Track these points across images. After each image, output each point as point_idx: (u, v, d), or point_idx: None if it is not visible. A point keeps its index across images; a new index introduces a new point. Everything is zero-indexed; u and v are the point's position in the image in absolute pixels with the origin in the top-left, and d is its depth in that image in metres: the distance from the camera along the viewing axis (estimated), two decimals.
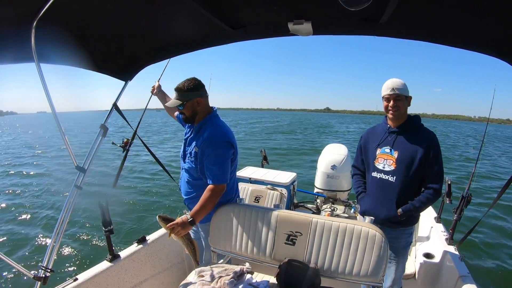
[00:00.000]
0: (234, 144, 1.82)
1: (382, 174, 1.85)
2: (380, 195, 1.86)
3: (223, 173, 1.75)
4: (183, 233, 1.65)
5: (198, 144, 1.80)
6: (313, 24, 1.47)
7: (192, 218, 1.66)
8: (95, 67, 1.81)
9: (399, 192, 1.79)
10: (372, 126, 2.06)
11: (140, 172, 9.36)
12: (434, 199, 1.78)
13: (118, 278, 2.02)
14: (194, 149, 1.81)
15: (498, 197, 1.96)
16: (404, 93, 1.77)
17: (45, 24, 1.23)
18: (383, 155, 1.86)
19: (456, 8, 1.24)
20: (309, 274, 1.55)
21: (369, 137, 2.00)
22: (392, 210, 1.80)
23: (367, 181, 2.00)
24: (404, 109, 1.80)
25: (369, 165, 1.94)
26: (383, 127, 1.93)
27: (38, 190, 7.56)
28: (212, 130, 1.80)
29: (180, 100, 1.76)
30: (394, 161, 1.80)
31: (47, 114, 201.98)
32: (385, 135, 1.88)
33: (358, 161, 2.11)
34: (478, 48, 1.50)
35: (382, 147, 1.87)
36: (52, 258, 1.63)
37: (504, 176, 10.49)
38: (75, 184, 1.77)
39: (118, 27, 1.58)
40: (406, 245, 1.90)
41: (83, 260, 4.09)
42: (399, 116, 1.81)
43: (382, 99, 1.85)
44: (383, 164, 1.85)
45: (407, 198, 1.80)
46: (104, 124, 1.97)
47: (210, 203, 1.73)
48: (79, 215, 5.32)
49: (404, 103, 1.79)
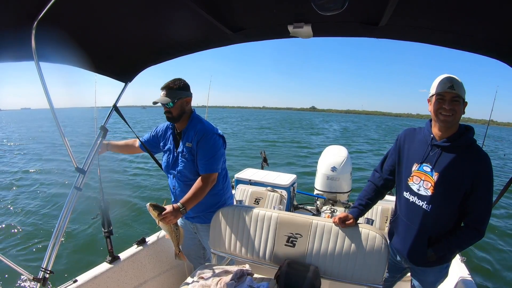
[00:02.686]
0: (223, 137, 1.91)
1: (415, 198, 1.49)
2: (411, 223, 1.53)
3: (214, 163, 1.80)
4: (174, 221, 1.62)
5: (190, 139, 1.83)
6: (312, 27, 1.48)
7: (183, 206, 1.64)
8: (94, 68, 1.81)
9: (433, 225, 1.46)
10: (411, 129, 1.63)
11: (139, 172, 9.36)
12: (475, 241, 1.44)
13: (117, 280, 2.02)
14: (186, 146, 1.84)
15: (498, 198, 1.95)
16: (463, 95, 1.37)
17: (45, 25, 1.24)
18: (420, 174, 1.47)
19: (455, 10, 1.24)
20: (309, 276, 1.55)
21: (406, 144, 1.58)
22: (421, 248, 1.49)
23: (397, 199, 1.64)
24: (459, 116, 1.39)
25: (401, 182, 1.58)
26: (425, 135, 1.51)
27: (38, 191, 7.56)
28: (202, 124, 1.87)
29: (170, 98, 1.78)
30: (432, 185, 1.42)
31: (31, 110, 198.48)
32: (427, 148, 1.47)
33: (381, 165, 1.72)
34: (477, 49, 1.50)
35: (420, 163, 1.48)
36: (52, 260, 1.63)
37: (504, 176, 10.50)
38: (74, 186, 1.77)
39: (119, 29, 1.59)
40: (435, 280, 1.59)
41: (83, 261, 4.07)
42: (452, 124, 1.40)
43: (431, 99, 1.45)
44: (419, 186, 1.48)
45: (444, 233, 1.46)
46: (104, 126, 1.97)
47: (201, 192, 1.74)
48: (79, 216, 5.31)
49: (460, 108, 1.38)
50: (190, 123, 1.88)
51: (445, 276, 1.60)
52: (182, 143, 1.87)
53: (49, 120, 30.82)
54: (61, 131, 1.58)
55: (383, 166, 1.71)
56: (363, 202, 1.69)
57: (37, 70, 1.39)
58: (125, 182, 8.31)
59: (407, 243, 1.56)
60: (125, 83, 2.10)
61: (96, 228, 4.95)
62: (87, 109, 3.86)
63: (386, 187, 1.71)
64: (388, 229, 1.78)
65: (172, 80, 1.84)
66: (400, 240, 1.62)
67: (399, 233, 1.63)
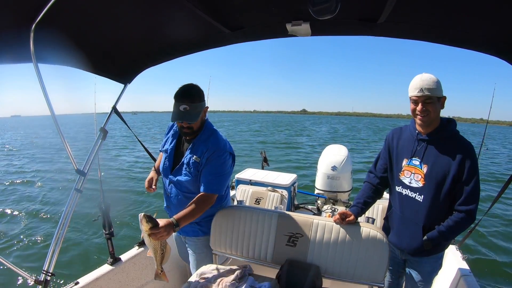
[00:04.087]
0: (234, 155, 1.76)
1: (408, 191, 1.57)
2: (405, 216, 1.60)
3: (220, 184, 1.65)
4: (165, 238, 1.40)
5: (199, 153, 1.65)
6: (311, 25, 1.48)
7: (177, 223, 1.45)
8: (94, 69, 1.81)
9: (427, 214, 1.51)
10: (398, 128, 1.72)
11: (137, 176, 9.37)
12: (466, 224, 1.48)
13: (119, 281, 2.02)
14: (193, 159, 1.65)
15: (498, 197, 1.96)
16: (436, 94, 1.44)
17: (44, 27, 1.24)
18: (410, 168, 1.56)
19: (454, 7, 1.24)
20: (311, 275, 1.55)
21: (394, 142, 1.67)
22: (416, 238, 1.55)
23: (391, 195, 1.72)
24: (436, 113, 1.48)
25: (393, 177, 1.66)
26: (411, 132, 1.61)
27: (38, 192, 7.56)
28: (215, 139, 1.68)
29: (194, 113, 1.55)
30: (422, 177, 1.51)
31: (21, 117, 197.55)
32: (414, 143, 1.57)
33: (374, 166, 1.79)
34: (476, 47, 1.50)
35: (409, 158, 1.57)
36: (53, 262, 1.63)
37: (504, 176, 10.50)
38: (75, 188, 1.77)
39: (117, 30, 1.59)
40: (432, 270, 1.63)
41: (84, 263, 4.08)
42: (430, 122, 1.49)
43: (410, 100, 1.53)
44: (410, 179, 1.56)
45: (437, 221, 1.52)
46: (103, 128, 1.97)
47: (199, 212, 1.57)
48: (80, 218, 5.31)
49: (435, 106, 1.46)
50: (202, 134, 1.69)
51: (440, 267, 1.64)
52: (189, 153, 1.68)
53: (43, 127, 31.27)
54: (61, 133, 1.58)
55: (376, 166, 1.78)
56: (362, 200, 1.72)
57: (36, 72, 1.39)
58: (125, 181, 8.32)
59: (403, 235, 1.62)
60: (124, 84, 2.10)
61: (97, 230, 4.95)
62: (87, 116, 3.86)
63: (382, 185, 1.76)
64: (382, 225, 1.82)
65: (189, 89, 1.59)
66: (395, 233, 1.67)
67: (394, 227, 1.68)
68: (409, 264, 1.68)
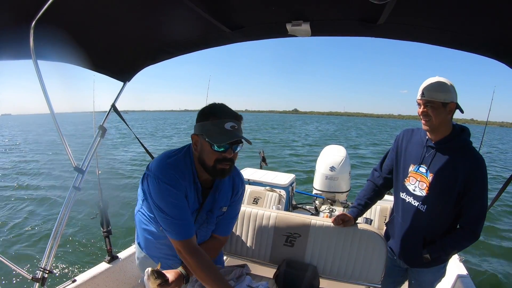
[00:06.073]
0: None
1: (411, 199, 1.50)
2: (406, 224, 1.54)
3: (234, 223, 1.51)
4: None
5: (226, 201, 1.39)
6: (311, 25, 1.48)
7: (187, 274, 1.27)
8: (93, 66, 1.81)
9: (428, 225, 1.46)
10: (409, 129, 1.63)
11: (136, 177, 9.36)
12: (470, 243, 1.43)
13: (116, 279, 2.01)
14: (222, 210, 1.40)
15: (496, 198, 1.96)
16: (439, 99, 1.34)
17: (44, 24, 1.24)
18: (416, 175, 1.48)
19: (453, 9, 1.25)
20: (308, 275, 1.55)
21: (403, 144, 1.59)
22: (416, 251, 1.49)
23: (395, 200, 1.65)
24: (439, 119, 1.37)
25: (398, 182, 1.59)
26: (421, 136, 1.52)
27: (36, 191, 7.54)
28: (238, 175, 1.44)
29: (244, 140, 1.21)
30: (427, 185, 1.43)
31: (12, 116, 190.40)
32: (423, 149, 1.48)
33: (380, 165, 1.72)
34: (475, 49, 1.50)
35: (416, 164, 1.49)
36: (51, 259, 1.62)
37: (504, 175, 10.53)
38: (73, 185, 1.76)
39: (117, 28, 1.59)
40: (434, 279, 1.58)
41: (82, 261, 4.08)
42: (432, 128, 1.41)
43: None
44: (414, 186, 1.48)
45: (439, 234, 1.46)
46: (102, 125, 1.96)
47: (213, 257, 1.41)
48: (78, 216, 5.31)
49: (438, 112, 1.36)
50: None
51: (443, 276, 1.60)
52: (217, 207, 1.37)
53: (38, 125, 31.17)
54: (59, 130, 1.58)
55: (382, 165, 1.71)
56: (362, 202, 1.70)
57: (35, 69, 1.39)
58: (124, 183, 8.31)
59: (402, 243, 1.57)
60: (123, 82, 2.09)
61: (95, 227, 4.95)
62: (86, 114, 3.84)
63: (386, 186, 1.71)
64: (384, 230, 1.79)
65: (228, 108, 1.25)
66: (395, 241, 1.63)
67: (394, 234, 1.64)
68: (410, 272, 1.66)
